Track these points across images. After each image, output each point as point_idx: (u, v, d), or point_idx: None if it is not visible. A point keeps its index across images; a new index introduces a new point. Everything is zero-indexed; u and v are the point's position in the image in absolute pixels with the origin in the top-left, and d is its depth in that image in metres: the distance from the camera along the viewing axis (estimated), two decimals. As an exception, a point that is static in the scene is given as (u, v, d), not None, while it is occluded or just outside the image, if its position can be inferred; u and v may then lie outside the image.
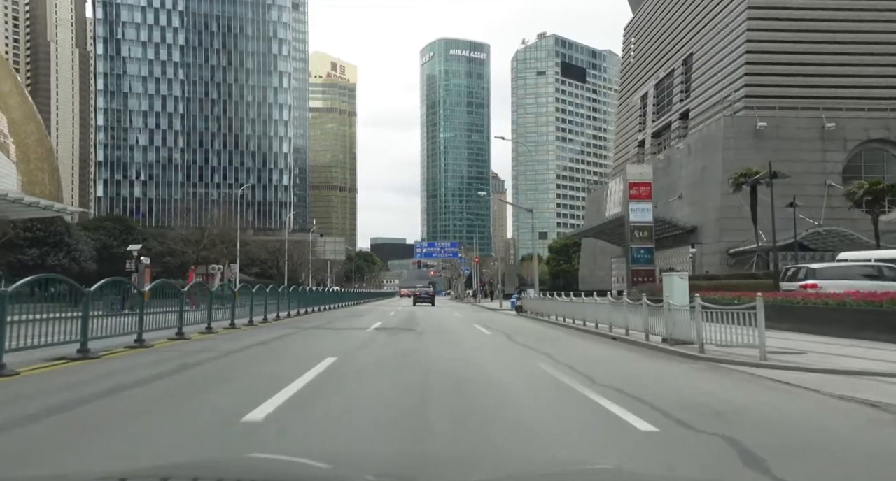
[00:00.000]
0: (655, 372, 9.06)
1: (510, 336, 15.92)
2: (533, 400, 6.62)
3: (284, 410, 5.53)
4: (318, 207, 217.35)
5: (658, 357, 11.01)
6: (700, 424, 5.06)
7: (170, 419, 5.37)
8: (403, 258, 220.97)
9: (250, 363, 9.54)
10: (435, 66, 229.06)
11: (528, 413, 5.83)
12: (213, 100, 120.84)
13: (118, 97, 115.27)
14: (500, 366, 9.50)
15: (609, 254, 63.06)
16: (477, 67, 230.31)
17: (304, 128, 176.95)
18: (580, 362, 9.91)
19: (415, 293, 53.61)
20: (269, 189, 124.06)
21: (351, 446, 4.42)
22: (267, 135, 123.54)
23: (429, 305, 43.18)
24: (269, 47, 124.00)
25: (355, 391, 6.90)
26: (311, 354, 10.49)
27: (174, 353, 10.43)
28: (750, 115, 46.44)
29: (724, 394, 6.79)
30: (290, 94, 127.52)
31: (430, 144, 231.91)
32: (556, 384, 7.67)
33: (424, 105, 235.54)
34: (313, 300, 33.70)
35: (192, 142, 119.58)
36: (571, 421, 5.45)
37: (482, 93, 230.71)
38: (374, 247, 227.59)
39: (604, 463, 3.92)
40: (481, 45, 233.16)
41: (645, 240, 32.74)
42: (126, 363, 9.12)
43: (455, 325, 21.32)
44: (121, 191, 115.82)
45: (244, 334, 15.45)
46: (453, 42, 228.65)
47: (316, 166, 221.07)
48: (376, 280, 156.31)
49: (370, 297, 69.69)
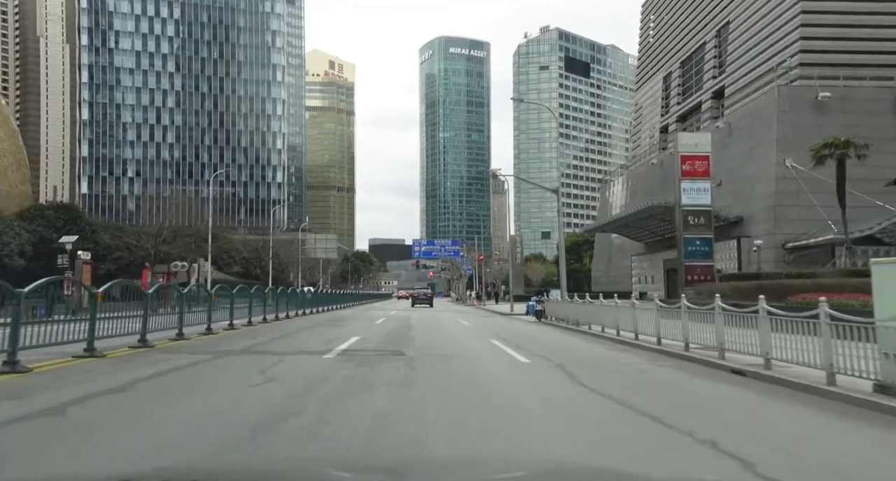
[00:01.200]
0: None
1: (563, 366, 9.69)
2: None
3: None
4: (315, 208, 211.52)
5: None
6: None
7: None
8: (402, 259, 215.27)
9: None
10: (434, 64, 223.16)
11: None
12: (205, 93, 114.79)
13: (104, 90, 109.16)
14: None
15: (627, 251, 56.83)
16: (477, 66, 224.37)
17: (300, 126, 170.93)
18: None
19: (413, 294, 53.43)
20: (262, 186, 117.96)
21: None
22: (260, 130, 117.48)
23: (427, 306, 43.22)
24: (263, 39, 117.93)
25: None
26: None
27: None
28: (808, 85, 40.09)
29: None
30: (285, 89, 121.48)
31: (430, 144, 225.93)
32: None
33: (423, 104, 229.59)
34: (292, 303, 27.67)
35: (182, 137, 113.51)
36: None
37: (482, 92, 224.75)
38: (372, 247, 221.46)
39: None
40: (481, 43, 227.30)
41: (702, 228, 26.10)
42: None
43: (466, 341, 15.24)
44: (106, 189, 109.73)
45: (134, 362, 9.31)
46: (453, 40, 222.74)
47: (314, 166, 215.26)
48: (373, 281, 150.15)
49: (364, 299, 63.68)
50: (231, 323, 17.89)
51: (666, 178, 47.19)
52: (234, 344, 12.82)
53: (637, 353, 12.04)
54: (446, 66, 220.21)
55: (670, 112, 75.96)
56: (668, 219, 36.54)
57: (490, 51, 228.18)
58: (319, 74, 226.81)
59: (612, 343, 14.45)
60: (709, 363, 9.73)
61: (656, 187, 50.29)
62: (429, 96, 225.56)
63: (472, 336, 16.93)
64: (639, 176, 59.06)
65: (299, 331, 18.07)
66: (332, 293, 48.63)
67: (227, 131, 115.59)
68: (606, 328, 16.08)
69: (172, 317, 14.06)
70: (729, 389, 7.55)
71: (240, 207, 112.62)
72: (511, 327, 21.04)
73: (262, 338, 14.73)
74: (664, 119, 77.89)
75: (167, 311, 14.84)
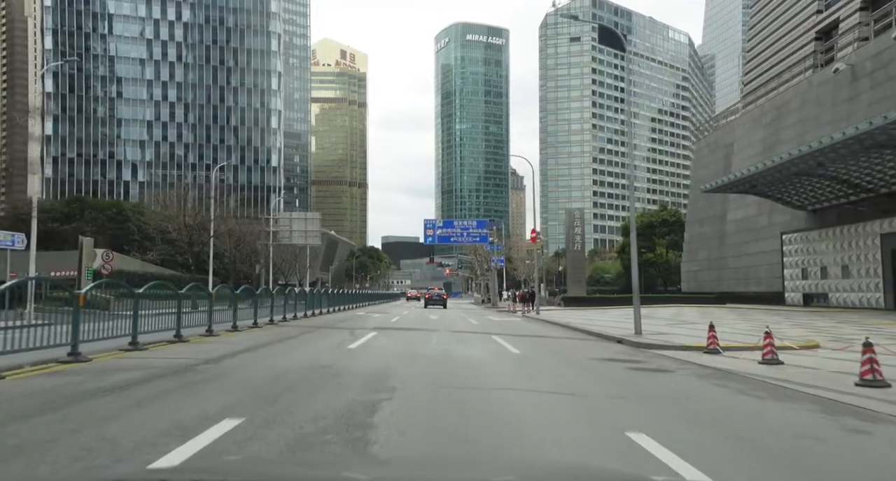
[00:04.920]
0: None
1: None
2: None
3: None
4: (327, 205, 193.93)
5: None
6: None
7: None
8: (416, 258, 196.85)
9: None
10: (450, 53, 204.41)
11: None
12: (188, 64, 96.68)
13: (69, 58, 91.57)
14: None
15: (764, 229, 36.75)
16: (495, 54, 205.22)
17: (304, 111, 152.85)
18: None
19: (426, 295, 48.57)
20: (254, 171, 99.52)
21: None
22: (252, 107, 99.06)
23: (440, 307, 39.60)
24: (255, 2, 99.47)
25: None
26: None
27: None
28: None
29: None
30: (281, 60, 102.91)
31: (445, 137, 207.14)
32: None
33: (439, 95, 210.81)
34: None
35: (161, 114, 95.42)
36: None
37: (500, 81, 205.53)
38: (385, 246, 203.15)
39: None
40: (500, 30, 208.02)
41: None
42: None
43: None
44: (74, 172, 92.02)
45: None
46: (470, 27, 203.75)
47: (326, 162, 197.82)
48: (383, 279, 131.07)
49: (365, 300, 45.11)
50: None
51: (857, 95, 27.85)
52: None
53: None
54: (463, 53, 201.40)
55: (839, 3, 51.53)
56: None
57: (509, 39, 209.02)
58: (331, 64, 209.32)
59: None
60: None
61: (839, 109, 30.56)
62: (444, 87, 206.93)
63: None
64: (786, 104, 38.09)
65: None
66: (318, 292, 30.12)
67: (214, 107, 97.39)
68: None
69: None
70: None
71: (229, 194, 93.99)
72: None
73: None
74: (821, 16, 52.49)
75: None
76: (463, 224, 46.53)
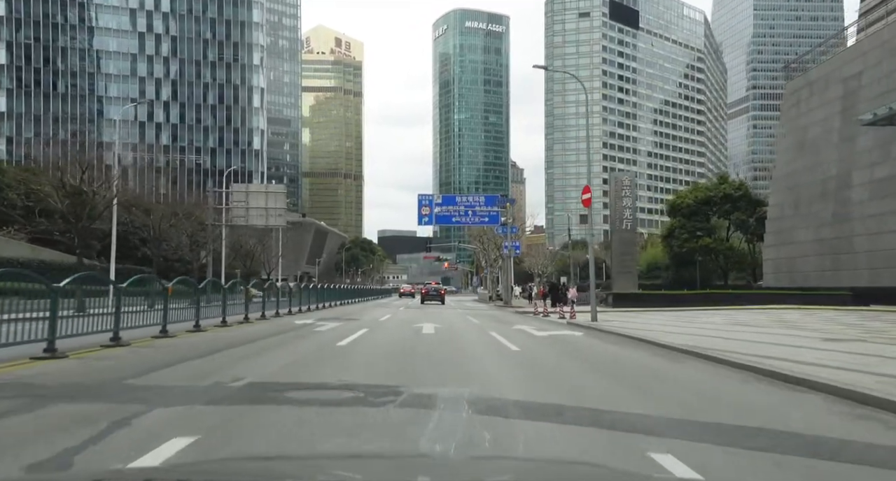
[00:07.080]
0: None
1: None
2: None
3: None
4: (322, 198, 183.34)
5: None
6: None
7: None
8: (413, 252, 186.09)
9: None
10: (449, 40, 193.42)
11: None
12: (159, 35, 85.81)
13: (27, 27, 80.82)
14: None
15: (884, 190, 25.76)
16: (495, 42, 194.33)
17: (295, 96, 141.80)
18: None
19: (423, 290, 44.12)
20: (234, 154, 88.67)
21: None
22: (232, 83, 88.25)
23: (438, 303, 36.66)
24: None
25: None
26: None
27: None
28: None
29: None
30: (262, 33, 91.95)
31: (444, 129, 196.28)
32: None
33: (437, 85, 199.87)
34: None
35: (130, 91, 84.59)
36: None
37: (500, 70, 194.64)
38: (381, 240, 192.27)
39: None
40: (500, 16, 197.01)
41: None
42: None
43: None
44: (31, 152, 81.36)
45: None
46: (469, 13, 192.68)
47: (321, 154, 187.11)
48: (377, 274, 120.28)
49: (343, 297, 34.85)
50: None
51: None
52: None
53: None
54: (462, 41, 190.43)
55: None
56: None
57: (509, 25, 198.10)
58: (325, 52, 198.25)
59: None
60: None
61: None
62: (442, 76, 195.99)
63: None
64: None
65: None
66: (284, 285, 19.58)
67: (189, 84, 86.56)
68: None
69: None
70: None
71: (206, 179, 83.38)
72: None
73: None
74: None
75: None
76: (467, 200, 35.88)
